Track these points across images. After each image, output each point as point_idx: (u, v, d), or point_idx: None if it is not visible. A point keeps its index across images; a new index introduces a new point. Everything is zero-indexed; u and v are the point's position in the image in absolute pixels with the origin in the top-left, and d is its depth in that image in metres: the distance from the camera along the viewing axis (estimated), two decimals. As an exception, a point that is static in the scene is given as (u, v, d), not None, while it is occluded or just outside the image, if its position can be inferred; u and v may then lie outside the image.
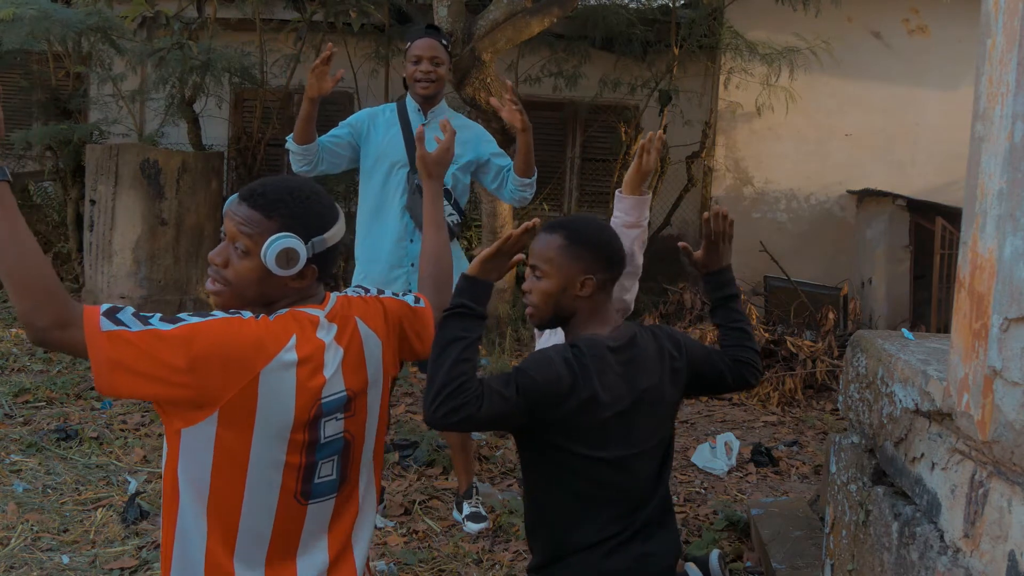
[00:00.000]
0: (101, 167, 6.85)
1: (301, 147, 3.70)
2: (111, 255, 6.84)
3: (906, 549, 2.09)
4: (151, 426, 4.95)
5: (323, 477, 1.77)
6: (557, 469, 1.99)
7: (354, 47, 8.64)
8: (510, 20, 6.37)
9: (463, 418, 1.79)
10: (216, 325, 1.63)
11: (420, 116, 3.82)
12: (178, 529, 1.70)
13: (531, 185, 3.76)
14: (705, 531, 3.91)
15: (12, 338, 6.51)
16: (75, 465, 4.39)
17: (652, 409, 2.04)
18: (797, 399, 6.05)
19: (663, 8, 8.85)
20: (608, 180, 9.02)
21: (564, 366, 1.91)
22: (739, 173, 8.62)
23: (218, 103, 8.51)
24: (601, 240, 2.08)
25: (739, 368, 2.25)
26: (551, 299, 2.04)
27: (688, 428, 5.47)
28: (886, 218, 7.58)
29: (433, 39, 3.79)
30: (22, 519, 3.77)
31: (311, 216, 1.74)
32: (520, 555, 3.68)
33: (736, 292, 2.34)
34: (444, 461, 4.51)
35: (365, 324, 1.83)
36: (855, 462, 2.56)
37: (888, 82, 8.35)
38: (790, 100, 8.24)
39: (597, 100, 8.98)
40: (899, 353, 2.39)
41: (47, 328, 1.54)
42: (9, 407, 5.08)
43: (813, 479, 4.72)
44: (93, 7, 7.46)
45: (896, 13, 8.32)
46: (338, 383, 1.75)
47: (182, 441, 1.66)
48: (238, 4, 8.26)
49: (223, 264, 1.74)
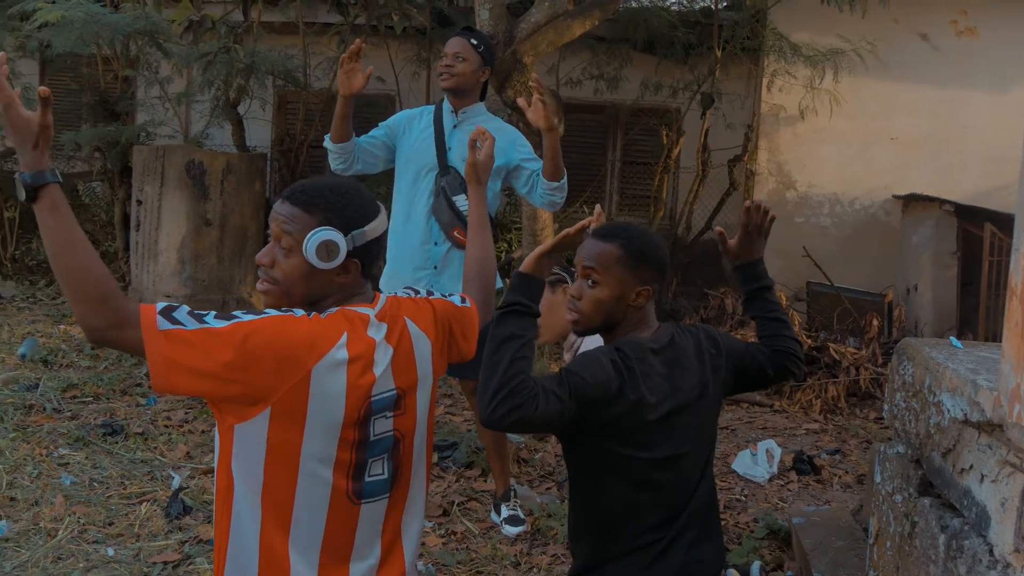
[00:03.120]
0: (148, 168, 6.96)
1: (337, 145, 3.73)
2: (157, 254, 6.94)
3: (953, 563, 2.06)
4: (194, 423, 5.02)
5: (374, 476, 1.78)
6: (604, 472, 1.98)
7: (396, 50, 8.69)
8: (551, 23, 6.37)
9: (520, 418, 1.78)
10: (269, 323, 1.65)
11: (453, 117, 3.83)
12: (233, 521, 1.72)
13: (560, 189, 3.67)
14: (745, 539, 3.88)
15: (61, 334, 6.63)
16: (121, 460, 4.46)
17: (695, 409, 2.03)
18: (840, 407, 5.98)
19: (705, 10, 8.80)
20: (649, 184, 8.98)
21: (612, 368, 1.90)
22: (782, 177, 8.53)
23: (262, 105, 8.60)
24: (658, 253, 2.07)
25: (779, 358, 2.22)
26: (603, 307, 2.02)
27: (729, 435, 5.43)
28: (933, 223, 7.46)
29: (462, 37, 3.80)
30: (69, 511, 3.84)
31: (350, 209, 1.76)
32: (558, 559, 3.67)
33: (770, 283, 2.31)
34: (483, 463, 4.51)
35: (415, 324, 1.84)
36: (901, 472, 2.52)
37: (935, 84, 8.23)
38: (834, 103, 8.14)
39: (638, 103, 8.94)
40: (947, 362, 2.35)
41: (104, 329, 1.57)
42: (57, 402, 5.17)
43: (856, 488, 4.66)
44: (140, 11, 7.57)
45: (944, 14, 8.19)
46: (388, 382, 1.76)
47: (235, 436, 1.68)
48: (282, 8, 8.34)
49: (270, 264, 1.76)
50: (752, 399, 6.08)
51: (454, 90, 3.79)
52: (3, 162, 8.94)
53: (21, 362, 5.94)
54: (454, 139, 3.79)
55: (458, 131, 3.80)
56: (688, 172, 8.88)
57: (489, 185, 3.80)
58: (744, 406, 6.03)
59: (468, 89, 3.81)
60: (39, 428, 4.76)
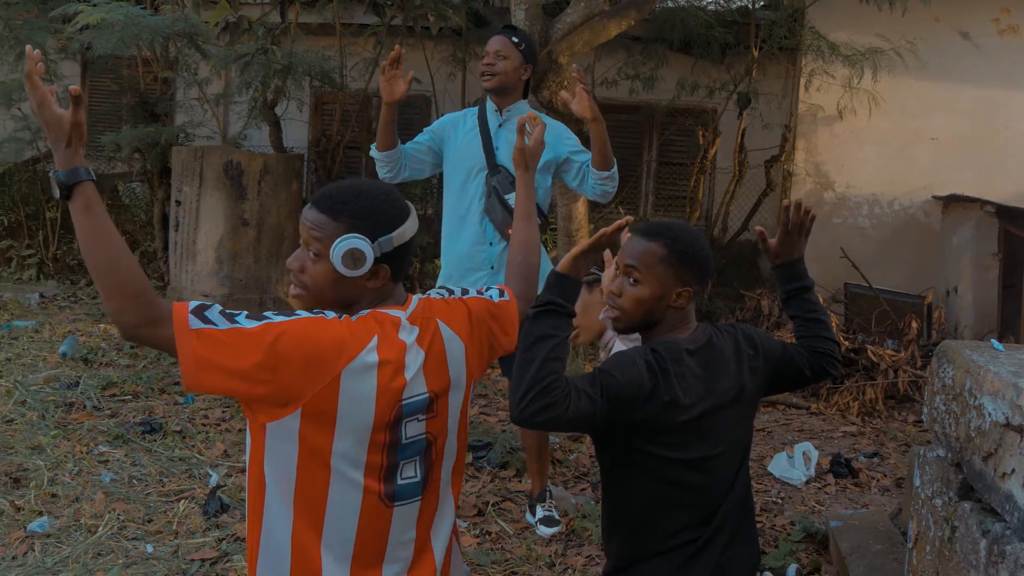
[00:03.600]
0: (186, 169, 7.04)
1: (383, 153, 3.72)
2: (195, 254, 7.02)
3: (995, 568, 2.03)
4: (231, 421, 5.07)
5: (406, 478, 1.78)
6: (636, 471, 1.97)
7: (432, 51, 8.73)
8: (587, 23, 6.36)
9: (551, 417, 1.78)
10: (299, 325, 1.66)
11: (497, 116, 3.83)
12: (265, 520, 1.73)
13: (612, 177, 3.68)
14: (782, 542, 3.85)
15: (101, 333, 6.73)
16: (159, 457, 4.51)
17: (731, 410, 2.01)
18: (878, 409, 5.91)
19: (742, 10, 8.73)
20: (685, 184, 8.94)
21: (646, 369, 1.89)
22: (819, 177, 8.46)
23: (299, 106, 8.67)
24: (702, 253, 2.05)
25: (818, 359, 2.20)
26: (643, 306, 2.01)
27: (765, 437, 5.39)
28: (973, 225, 7.35)
29: (503, 36, 3.79)
30: (109, 508, 3.90)
31: (377, 215, 1.75)
32: (593, 560, 3.67)
33: (810, 283, 2.28)
34: (518, 463, 4.52)
35: (447, 326, 1.83)
36: (940, 476, 2.49)
37: (977, 84, 8.11)
38: (873, 103, 8.06)
39: (674, 103, 8.89)
40: (988, 364, 2.31)
41: (137, 326, 1.58)
42: (97, 400, 5.25)
43: (894, 492, 4.61)
44: (180, 13, 7.66)
45: (986, 12, 8.07)
46: (420, 385, 1.76)
47: (267, 435, 1.68)
48: (319, 9, 8.39)
49: (300, 269, 1.77)
50: (789, 401, 6.03)
51: (496, 89, 3.78)
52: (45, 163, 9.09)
53: (62, 360, 6.04)
54: (500, 138, 3.78)
55: (503, 130, 3.79)
56: (724, 173, 8.83)
57: (539, 180, 3.79)
58: (780, 408, 5.98)
59: (511, 88, 3.80)
60: (79, 426, 4.84)
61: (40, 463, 4.31)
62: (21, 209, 9.09)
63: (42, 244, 9.03)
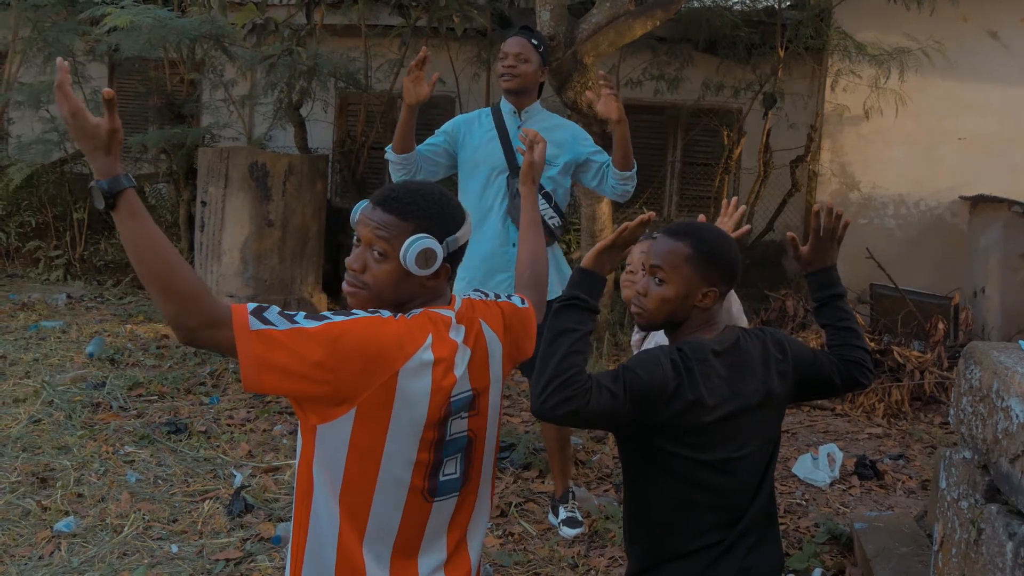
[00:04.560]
0: (212, 169, 7.09)
1: (399, 156, 3.66)
2: (220, 255, 7.07)
3: (1021, 571, 2.01)
4: (256, 422, 5.10)
5: (447, 475, 1.79)
6: (659, 472, 1.97)
7: (456, 52, 8.75)
8: (612, 23, 6.35)
9: (571, 411, 1.78)
10: (360, 324, 1.66)
11: (515, 118, 3.82)
12: (312, 522, 1.73)
13: (631, 178, 3.71)
14: (806, 544, 3.82)
15: (127, 334, 6.79)
16: (184, 458, 4.55)
17: (756, 413, 2.00)
18: (904, 411, 5.86)
19: (768, 10, 8.70)
20: (709, 185, 8.91)
21: (671, 367, 1.89)
22: (845, 178, 8.40)
23: (324, 107, 8.72)
24: (728, 254, 2.04)
25: (848, 368, 2.17)
26: (668, 305, 2.01)
27: (790, 438, 5.36)
28: (1001, 225, 7.27)
29: (522, 37, 3.79)
30: (134, 508, 3.93)
31: (443, 216, 1.78)
32: (616, 561, 3.66)
33: (842, 291, 2.25)
34: (540, 464, 4.52)
35: (488, 326, 1.86)
36: (967, 478, 2.47)
37: (1005, 84, 8.03)
38: (900, 103, 7.99)
39: (699, 103, 8.87)
40: (1016, 366, 2.29)
41: (196, 328, 1.57)
42: (124, 400, 5.29)
43: (920, 494, 4.57)
44: (206, 15, 7.72)
45: (1015, 12, 7.99)
46: (465, 383, 1.78)
47: (317, 437, 1.69)
48: (344, 10, 8.44)
49: (361, 269, 1.77)
50: (814, 403, 5.99)
51: (517, 91, 3.79)
52: (72, 165, 9.19)
53: (89, 361, 6.09)
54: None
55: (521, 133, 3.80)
56: (749, 173, 8.79)
57: (559, 181, 3.81)
58: (805, 410, 5.95)
59: (530, 89, 3.81)
60: (106, 426, 4.88)
61: (67, 463, 4.35)
62: (49, 210, 9.19)
63: (69, 245, 9.12)
